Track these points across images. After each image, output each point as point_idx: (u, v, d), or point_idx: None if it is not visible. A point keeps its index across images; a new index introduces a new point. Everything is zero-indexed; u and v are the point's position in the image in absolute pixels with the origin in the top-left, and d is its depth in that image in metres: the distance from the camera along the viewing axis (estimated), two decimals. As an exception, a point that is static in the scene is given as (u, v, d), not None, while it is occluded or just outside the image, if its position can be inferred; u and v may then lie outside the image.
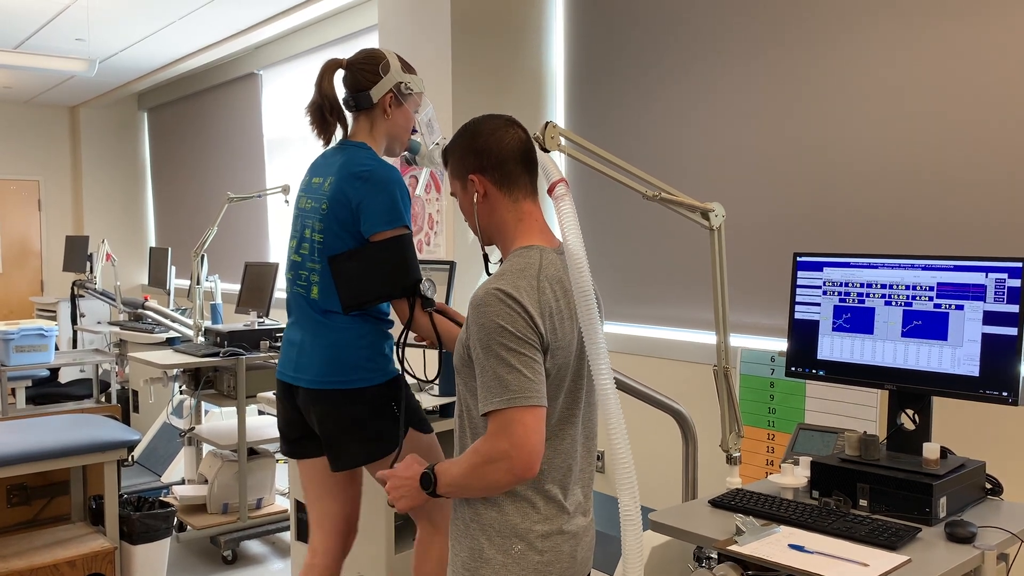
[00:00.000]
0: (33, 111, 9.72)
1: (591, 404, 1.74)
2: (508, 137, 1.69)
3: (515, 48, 4.21)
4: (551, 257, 1.67)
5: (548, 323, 1.59)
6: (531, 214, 1.72)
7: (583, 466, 1.72)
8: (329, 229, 2.27)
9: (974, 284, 1.94)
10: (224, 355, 4.03)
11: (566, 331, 1.63)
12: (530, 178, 1.72)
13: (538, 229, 1.71)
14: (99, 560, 3.13)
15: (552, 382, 1.63)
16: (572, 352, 1.65)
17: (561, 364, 1.63)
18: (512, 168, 1.69)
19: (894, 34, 2.99)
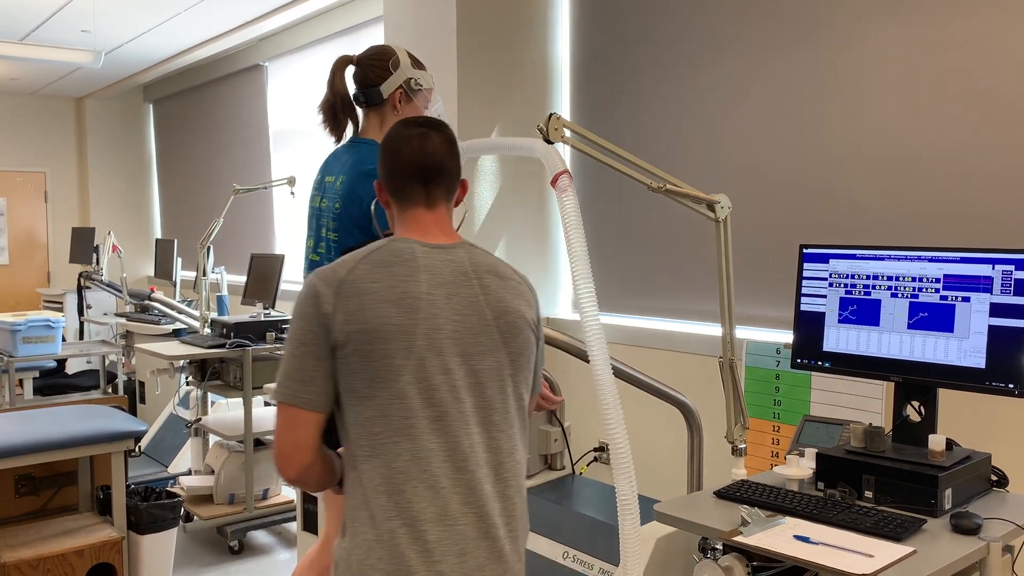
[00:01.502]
0: (39, 103, 9.73)
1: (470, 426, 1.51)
2: (405, 150, 1.59)
3: (521, 40, 4.20)
4: (400, 245, 1.55)
5: (347, 304, 1.48)
6: (415, 217, 1.61)
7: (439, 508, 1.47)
8: (343, 227, 2.28)
9: (981, 276, 1.94)
10: (230, 346, 4.04)
11: (380, 316, 1.47)
12: (426, 188, 1.60)
13: (416, 228, 1.60)
14: (106, 550, 3.15)
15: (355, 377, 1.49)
16: (405, 345, 1.47)
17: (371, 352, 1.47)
18: (401, 182, 1.60)
19: (901, 26, 2.98)
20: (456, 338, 1.52)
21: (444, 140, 1.62)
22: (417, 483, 1.48)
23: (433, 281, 1.53)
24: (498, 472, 1.54)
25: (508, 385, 1.56)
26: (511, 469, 1.56)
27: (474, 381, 1.52)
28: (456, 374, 1.51)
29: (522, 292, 1.63)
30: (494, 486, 1.53)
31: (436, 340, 1.50)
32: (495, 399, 1.54)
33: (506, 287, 1.60)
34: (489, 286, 1.57)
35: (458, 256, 1.58)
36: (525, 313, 1.60)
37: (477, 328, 1.54)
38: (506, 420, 1.56)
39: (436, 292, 1.52)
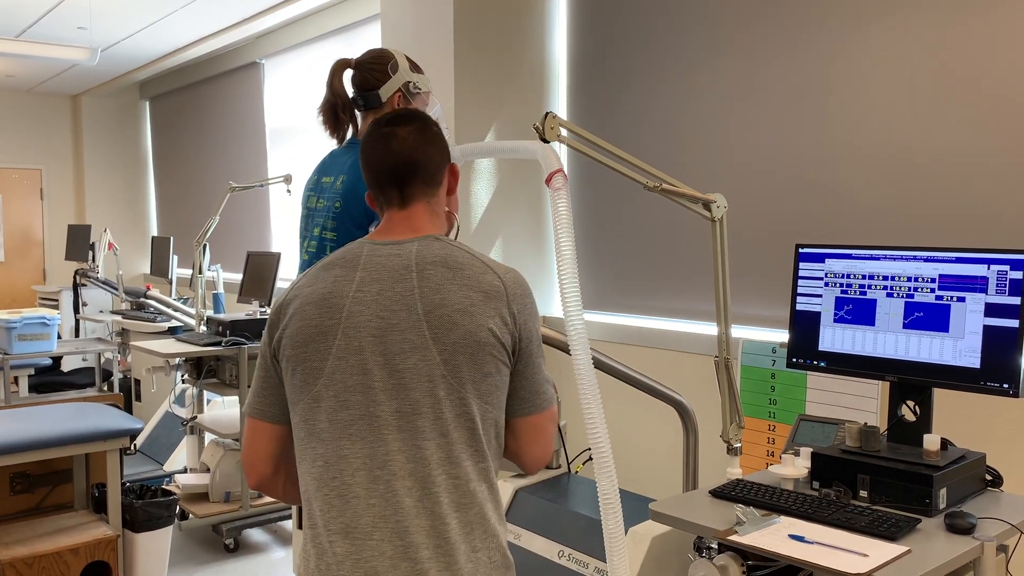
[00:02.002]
0: (35, 100, 9.71)
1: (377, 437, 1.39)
2: (374, 155, 1.52)
3: (518, 38, 4.20)
4: (352, 246, 1.51)
5: (285, 312, 1.48)
6: (387, 218, 1.53)
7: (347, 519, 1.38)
8: (342, 227, 2.29)
9: (976, 276, 1.94)
10: (226, 344, 4.04)
11: (303, 319, 1.44)
12: (400, 190, 1.51)
13: (383, 229, 1.53)
14: (102, 548, 3.15)
15: (289, 384, 1.46)
16: (324, 347, 1.41)
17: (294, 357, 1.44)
18: (376, 188, 1.54)
19: (896, 27, 2.99)
20: (378, 335, 1.39)
21: (413, 131, 1.51)
22: (328, 491, 1.39)
23: (367, 279, 1.43)
24: (425, 485, 1.36)
25: (439, 387, 1.38)
26: (444, 484, 1.37)
27: (396, 383, 1.38)
28: (375, 375, 1.39)
29: (482, 284, 1.43)
30: (419, 500, 1.36)
31: (355, 339, 1.40)
32: (421, 403, 1.38)
33: (455, 278, 1.42)
34: (430, 278, 1.42)
35: (406, 250, 1.46)
36: (473, 307, 1.40)
37: (404, 324, 1.39)
38: (437, 427, 1.38)
39: (366, 289, 1.42)
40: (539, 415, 1.48)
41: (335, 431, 1.39)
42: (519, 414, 1.47)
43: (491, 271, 1.45)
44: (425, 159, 1.51)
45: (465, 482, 1.39)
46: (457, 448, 1.39)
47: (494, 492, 1.45)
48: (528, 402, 1.47)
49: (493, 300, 1.42)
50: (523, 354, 1.46)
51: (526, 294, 1.48)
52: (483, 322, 1.40)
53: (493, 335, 1.40)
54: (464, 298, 1.41)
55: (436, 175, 1.54)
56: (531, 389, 1.47)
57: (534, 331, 1.47)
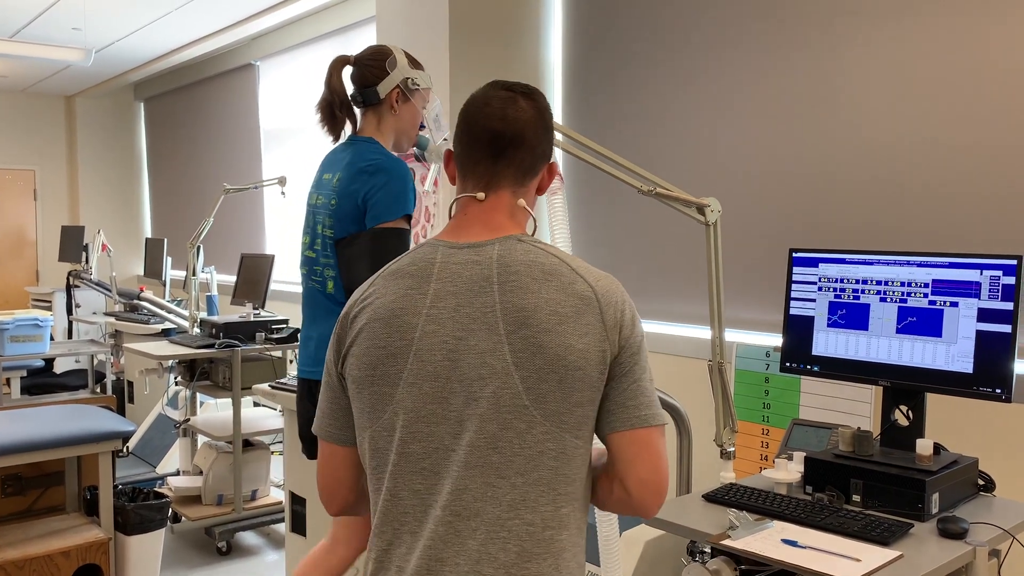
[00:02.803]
0: (29, 100, 9.69)
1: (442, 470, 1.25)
2: (483, 113, 1.36)
3: (512, 42, 4.20)
4: (423, 251, 1.35)
5: (352, 327, 1.34)
6: (463, 207, 1.38)
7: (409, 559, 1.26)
8: (339, 223, 2.30)
9: (969, 281, 1.95)
10: (219, 347, 4.03)
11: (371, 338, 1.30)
12: (494, 162, 1.35)
13: (457, 223, 1.37)
14: (93, 551, 3.14)
15: (356, 408, 1.33)
16: (394, 371, 1.27)
17: (362, 380, 1.30)
18: (468, 151, 1.38)
19: (890, 32, 2.99)
20: (453, 359, 1.24)
21: (533, 107, 1.34)
22: (392, 527, 1.28)
23: (442, 291, 1.27)
24: (493, 529, 1.22)
25: (520, 419, 1.22)
26: (516, 529, 1.22)
27: (473, 412, 1.23)
28: (450, 404, 1.24)
29: (572, 296, 1.25)
30: (483, 545, 1.22)
31: (429, 363, 1.25)
32: (499, 436, 1.22)
33: (541, 290, 1.25)
34: (513, 291, 1.25)
35: (485, 256, 1.29)
36: (562, 325, 1.23)
37: (484, 346, 1.23)
38: (513, 464, 1.22)
39: (440, 305, 1.27)
40: (643, 430, 1.26)
41: (405, 464, 1.26)
42: (617, 428, 1.26)
43: (581, 278, 1.27)
44: (534, 141, 1.34)
45: (541, 529, 1.23)
46: (535, 490, 1.23)
47: (575, 538, 1.27)
48: (627, 414, 1.26)
49: (585, 314, 1.24)
50: (621, 367, 1.27)
51: (621, 301, 1.28)
52: (573, 342, 1.23)
53: (584, 357, 1.23)
54: (551, 315, 1.23)
55: (537, 163, 1.36)
56: (632, 402, 1.26)
57: (634, 343, 1.28)
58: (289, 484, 3.30)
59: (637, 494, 1.26)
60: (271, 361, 4.23)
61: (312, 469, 3.18)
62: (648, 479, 1.25)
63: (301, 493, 3.24)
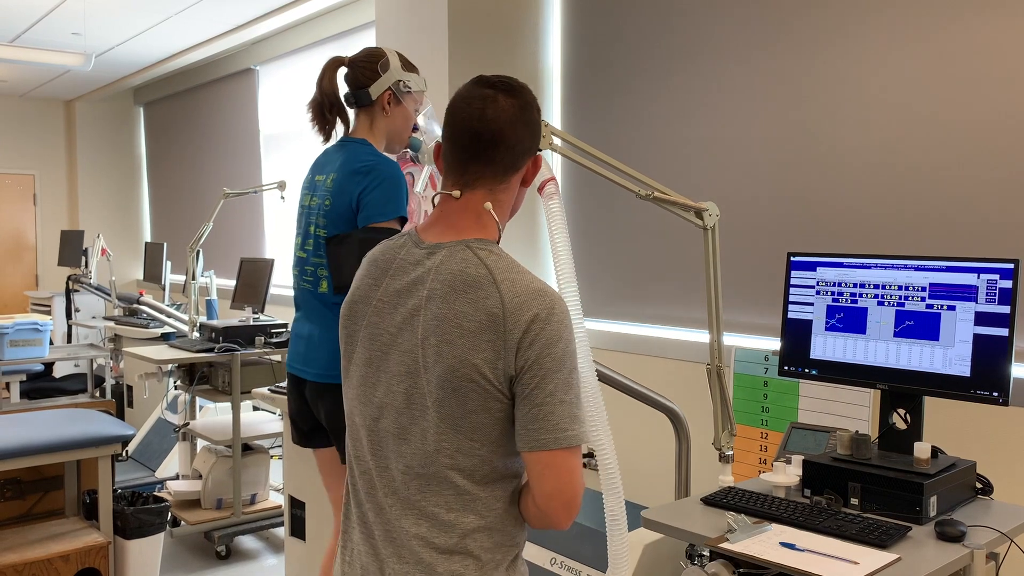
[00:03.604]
0: (29, 105, 9.70)
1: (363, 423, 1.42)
2: (460, 115, 1.39)
3: (511, 46, 4.21)
4: (394, 243, 1.46)
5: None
6: (441, 203, 1.45)
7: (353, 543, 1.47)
8: (333, 224, 2.31)
9: (966, 285, 1.96)
10: (219, 351, 4.03)
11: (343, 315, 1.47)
12: (466, 163, 1.39)
13: (434, 218, 1.44)
14: (93, 555, 3.14)
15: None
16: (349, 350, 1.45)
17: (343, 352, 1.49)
18: (447, 151, 1.42)
19: (888, 35, 3.00)
20: (384, 351, 1.37)
21: (514, 104, 1.36)
22: (348, 494, 1.47)
23: (390, 287, 1.39)
24: (404, 509, 1.36)
25: (423, 418, 1.32)
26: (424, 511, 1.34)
27: (390, 402, 1.36)
28: (378, 390, 1.38)
29: (481, 311, 1.29)
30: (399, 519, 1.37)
31: (368, 350, 1.40)
32: (408, 429, 1.34)
33: (456, 301, 1.30)
34: (433, 299, 1.32)
35: (431, 260, 1.36)
36: (462, 338, 1.28)
37: (406, 345, 1.34)
38: (416, 456, 1.33)
39: (386, 300, 1.39)
40: (544, 452, 1.28)
41: (352, 441, 1.45)
42: (522, 448, 1.31)
43: (498, 294, 1.29)
44: (515, 139, 1.36)
45: (444, 511, 1.33)
46: (435, 483, 1.33)
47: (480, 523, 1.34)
48: (528, 436, 1.29)
49: (487, 331, 1.28)
50: (524, 387, 1.29)
51: (530, 321, 1.28)
52: (469, 356, 1.28)
53: (479, 371, 1.28)
54: (455, 327, 1.29)
55: (519, 160, 1.39)
56: (532, 425, 1.29)
57: (540, 363, 1.27)
58: (288, 488, 3.30)
59: (544, 507, 1.31)
60: (270, 365, 4.23)
61: (312, 472, 3.19)
62: (553, 493, 1.30)
63: (300, 497, 3.24)
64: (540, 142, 1.44)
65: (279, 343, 4.21)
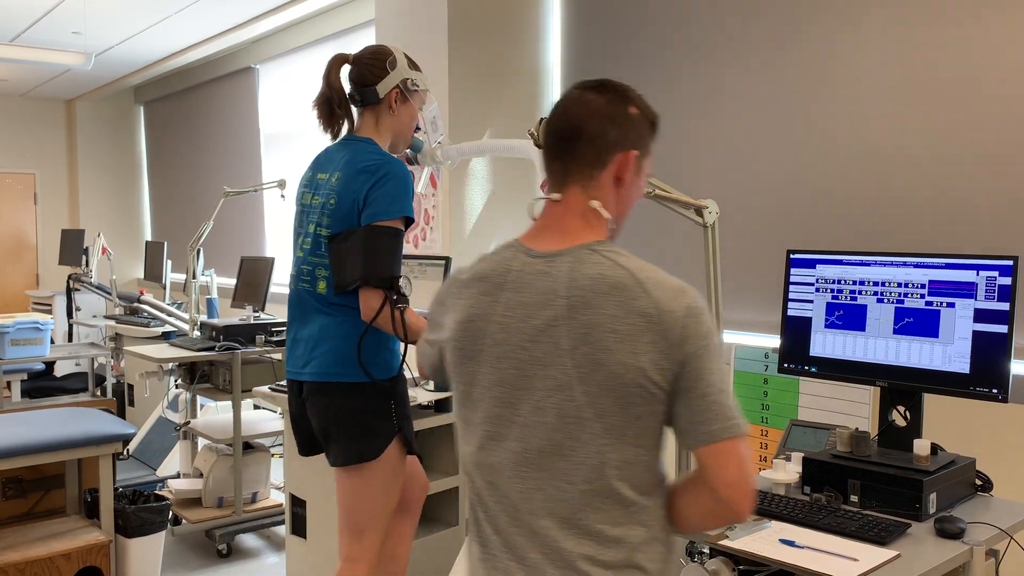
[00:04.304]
0: (29, 104, 9.70)
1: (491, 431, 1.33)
2: (551, 116, 1.38)
3: (512, 44, 4.21)
4: (503, 255, 1.38)
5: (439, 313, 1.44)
6: (545, 212, 1.39)
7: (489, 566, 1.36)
8: (337, 223, 2.28)
9: (965, 282, 1.96)
10: (220, 349, 4.03)
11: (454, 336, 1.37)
12: (561, 163, 1.36)
13: (538, 226, 1.39)
14: (94, 553, 3.14)
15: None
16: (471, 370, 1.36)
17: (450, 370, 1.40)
18: (545, 152, 1.39)
19: (888, 34, 3.00)
20: (520, 369, 1.29)
21: (600, 98, 1.33)
22: (479, 523, 1.36)
23: (513, 301, 1.30)
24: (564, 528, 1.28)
25: (584, 430, 1.26)
26: (587, 529, 1.27)
27: (539, 421, 1.27)
28: (519, 410, 1.29)
29: (634, 312, 1.25)
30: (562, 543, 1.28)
31: (499, 371, 1.31)
32: (564, 445, 1.27)
33: (604, 306, 1.25)
34: (577, 306, 1.26)
35: (558, 268, 1.30)
36: (621, 343, 1.24)
37: (548, 359, 1.27)
38: (578, 472, 1.27)
39: (511, 314, 1.30)
40: (719, 443, 1.25)
41: (484, 459, 1.33)
42: (693, 445, 1.27)
43: (646, 294, 1.26)
44: (596, 131, 1.32)
45: (610, 527, 1.27)
46: (599, 498, 1.27)
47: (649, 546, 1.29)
48: (699, 430, 1.26)
49: (645, 332, 1.24)
50: (685, 383, 1.26)
51: (684, 317, 1.25)
52: (631, 360, 1.23)
53: (643, 374, 1.24)
54: (611, 332, 1.24)
55: (603, 154, 1.33)
56: (700, 418, 1.26)
57: (697, 358, 1.26)
58: (289, 486, 3.31)
59: (730, 497, 1.26)
60: (271, 364, 4.23)
61: (312, 470, 3.19)
62: (738, 481, 1.26)
63: (301, 495, 3.24)
64: (641, 141, 1.36)
65: (279, 342, 4.22)
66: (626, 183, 1.37)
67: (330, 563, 3.13)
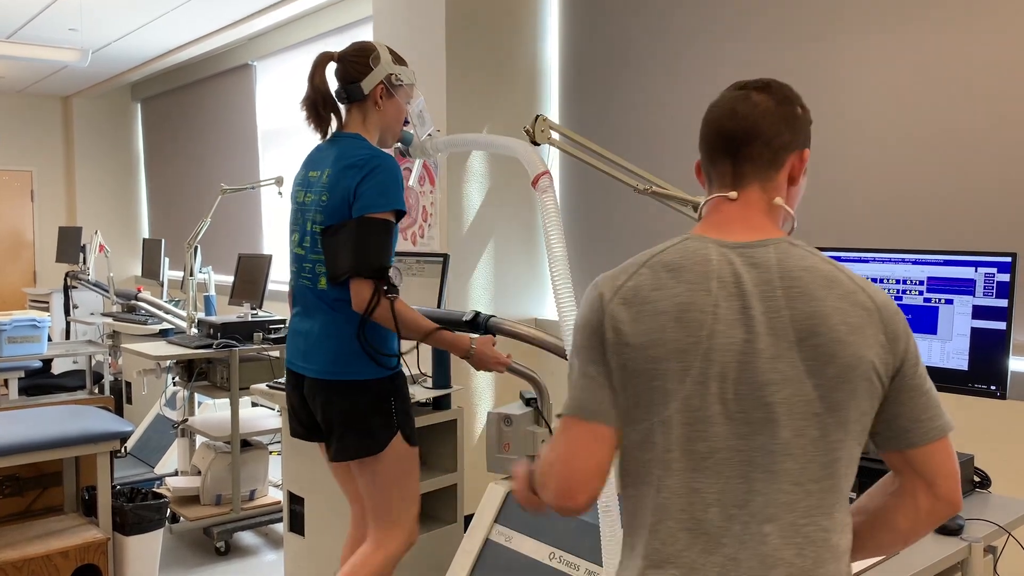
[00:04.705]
0: (26, 101, 9.68)
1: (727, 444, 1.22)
2: (714, 113, 1.35)
3: (510, 40, 4.21)
4: (693, 245, 1.29)
5: (621, 313, 1.26)
6: (716, 207, 1.34)
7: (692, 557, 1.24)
8: (330, 219, 2.30)
9: (964, 278, 1.95)
10: (217, 347, 4.03)
11: (655, 330, 1.24)
12: (733, 162, 1.33)
13: (715, 223, 1.32)
14: (92, 551, 3.14)
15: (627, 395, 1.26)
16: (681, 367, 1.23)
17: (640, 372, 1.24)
18: (708, 154, 1.36)
19: (886, 30, 3.00)
20: (743, 362, 1.21)
21: (767, 99, 1.32)
22: (673, 524, 1.23)
23: (724, 291, 1.23)
24: (787, 535, 1.20)
25: (813, 426, 1.20)
26: (811, 535, 1.20)
27: (764, 417, 1.20)
28: (739, 407, 1.21)
29: (858, 305, 1.22)
30: (776, 551, 1.20)
31: (717, 364, 1.21)
32: (792, 443, 1.20)
33: (827, 297, 1.22)
34: (799, 297, 1.22)
35: (763, 257, 1.25)
36: (853, 334, 1.21)
37: (772, 351, 1.20)
38: (808, 471, 1.20)
39: (726, 305, 1.23)
40: (943, 440, 1.25)
41: (688, 462, 1.23)
42: (918, 444, 1.25)
43: (861, 289, 1.24)
44: (772, 132, 1.31)
45: (835, 535, 1.22)
46: (830, 497, 1.22)
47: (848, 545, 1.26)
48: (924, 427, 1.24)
49: (869, 325, 1.22)
50: (906, 380, 1.25)
51: (897, 313, 1.25)
52: (863, 353, 1.20)
53: (872, 368, 1.21)
54: (842, 324, 1.20)
55: (779, 155, 1.32)
56: (925, 415, 1.25)
57: (913, 354, 1.26)
58: (287, 484, 3.31)
59: (950, 493, 1.26)
60: (269, 361, 4.23)
61: (311, 467, 3.19)
62: (955, 473, 1.26)
63: (299, 493, 3.24)
64: (808, 140, 1.36)
65: (277, 339, 4.21)
66: (798, 182, 1.36)
67: (328, 560, 3.13)
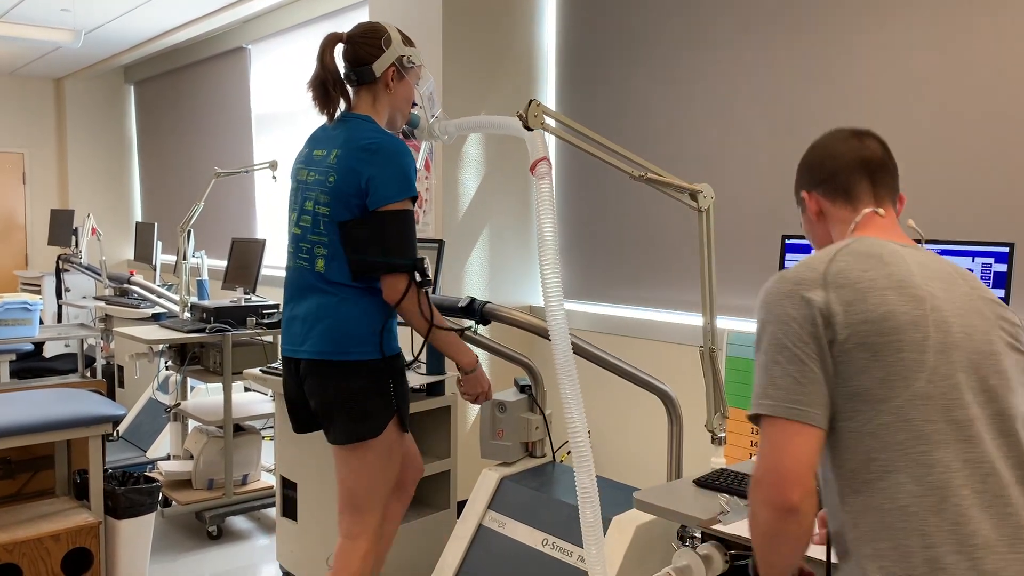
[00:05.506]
0: (17, 83, 9.61)
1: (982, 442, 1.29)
2: (843, 148, 1.52)
3: (506, 25, 4.18)
4: (872, 240, 1.41)
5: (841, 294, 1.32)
6: (868, 220, 1.49)
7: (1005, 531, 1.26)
8: (337, 201, 2.27)
9: (961, 268, 1.95)
10: (210, 331, 4.01)
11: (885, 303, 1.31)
12: (873, 185, 1.51)
13: (872, 229, 1.48)
14: (83, 534, 3.13)
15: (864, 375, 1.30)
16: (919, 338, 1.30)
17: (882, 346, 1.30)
18: (846, 178, 1.51)
19: (885, 21, 2.99)
20: (966, 333, 1.32)
21: (880, 142, 1.54)
22: (961, 500, 1.25)
23: (925, 274, 1.35)
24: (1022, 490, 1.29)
25: (1019, 395, 1.33)
26: None
27: (998, 383, 1.31)
28: (977, 374, 1.30)
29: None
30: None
31: (948, 335, 1.30)
32: (1018, 406, 1.32)
33: (976, 286, 1.41)
34: (977, 287, 1.40)
35: (928, 256, 1.42)
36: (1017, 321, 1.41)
37: (983, 326, 1.34)
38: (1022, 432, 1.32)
39: (931, 285, 1.34)
40: None
41: (954, 432, 1.27)
42: None
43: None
44: (893, 168, 1.55)
45: None
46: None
47: None
48: None
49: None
50: None
51: None
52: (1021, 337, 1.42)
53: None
54: (1001, 307, 1.40)
55: (897, 187, 1.56)
56: None
57: None
58: (280, 469, 3.30)
59: None
60: (262, 346, 4.22)
61: (303, 452, 3.18)
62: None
63: (292, 477, 3.24)
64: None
65: (271, 324, 4.20)
66: (900, 211, 1.57)
67: (321, 545, 3.13)
